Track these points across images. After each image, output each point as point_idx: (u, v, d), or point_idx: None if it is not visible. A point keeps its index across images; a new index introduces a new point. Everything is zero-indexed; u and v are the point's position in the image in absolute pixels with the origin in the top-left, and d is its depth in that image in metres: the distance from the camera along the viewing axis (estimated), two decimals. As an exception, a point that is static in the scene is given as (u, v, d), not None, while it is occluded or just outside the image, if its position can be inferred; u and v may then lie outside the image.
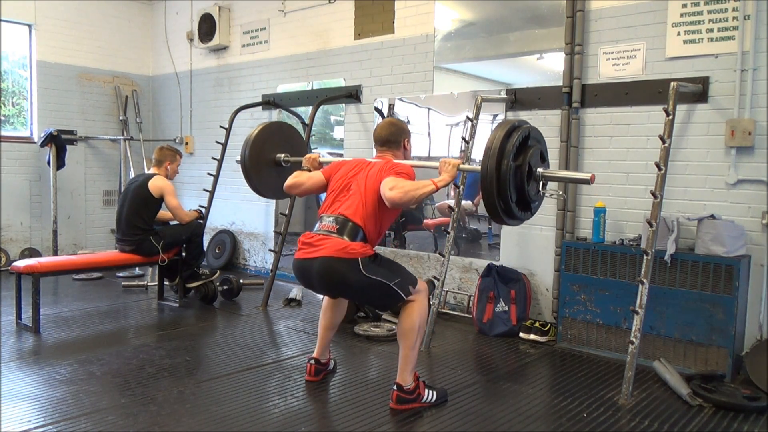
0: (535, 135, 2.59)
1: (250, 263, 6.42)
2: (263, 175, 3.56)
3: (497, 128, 2.52)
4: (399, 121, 3.16)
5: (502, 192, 2.46)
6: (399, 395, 2.80)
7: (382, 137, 3.02)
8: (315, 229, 2.82)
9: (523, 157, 2.50)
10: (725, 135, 3.50)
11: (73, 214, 6.78)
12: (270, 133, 3.59)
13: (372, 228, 2.78)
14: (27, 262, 4.20)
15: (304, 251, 2.78)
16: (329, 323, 3.16)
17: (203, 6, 6.55)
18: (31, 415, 2.68)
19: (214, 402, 2.88)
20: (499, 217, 2.55)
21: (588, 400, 3.00)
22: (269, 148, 3.57)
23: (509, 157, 2.43)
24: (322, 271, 2.70)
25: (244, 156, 3.51)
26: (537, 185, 2.60)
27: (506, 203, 2.48)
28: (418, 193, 2.62)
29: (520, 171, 2.49)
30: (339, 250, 2.67)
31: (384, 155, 2.99)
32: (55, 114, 6.61)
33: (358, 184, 2.82)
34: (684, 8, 3.63)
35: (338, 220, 2.75)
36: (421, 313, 2.82)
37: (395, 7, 5.06)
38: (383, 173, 2.77)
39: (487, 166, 2.44)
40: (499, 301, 4.14)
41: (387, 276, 2.73)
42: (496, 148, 2.44)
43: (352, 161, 3.01)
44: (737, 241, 3.32)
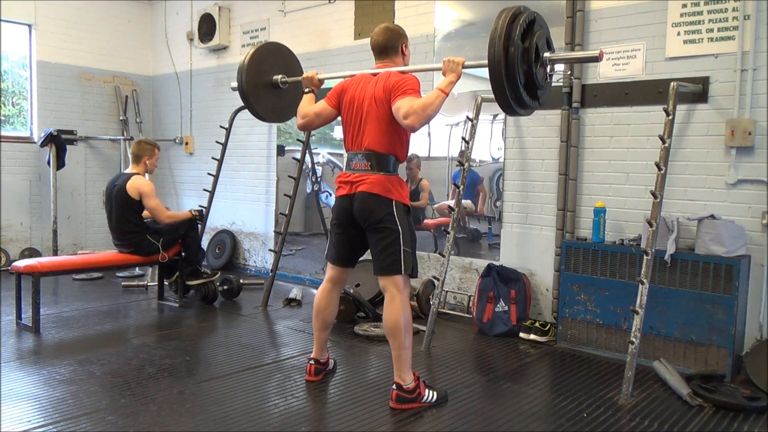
0: (541, 21, 2.54)
1: (250, 263, 6.42)
2: (262, 98, 3.47)
3: (501, 14, 2.46)
4: (395, 25, 3.05)
5: (511, 76, 2.41)
6: (399, 394, 2.80)
7: (380, 44, 2.96)
8: (348, 169, 2.91)
9: (530, 40, 2.46)
10: (725, 135, 3.50)
11: (73, 214, 6.78)
12: (264, 56, 3.46)
13: (399, 148, 2.89)
14: (27, 262, 4.21)
15: (344, 188, 2.90)
16: (323, 323, 3.15)
17: (203, 6, 6.55)
18: (31, 415, 2.68)
19: (214, 402, 2.89)
20: (509, 106, 2.52)
21: (588, 400, 3.00)
22: (265, 70, 3.46)
23: (516, 41, 2.39)
24: (360, 204, 2.83)
25: (240, 82, 3.38)
26: (544, 71, 2.56)
27: (515, 88, 2.44)
28: (432, 109, 2.65)
29: (528, 53, 2.45)
30: (378, 185, 2.80)
31: (384, 64, 2.96)
32: (55, 114, 6.61)
33: (370, 110, 2.83)
34: (684, 8, 3.63)
35: (368, 156, 2.84)
36: (405, 310, 2.81)
37: (395, 7, 5.06)
38: (389, 93, 2.76)
39: (495, 50, 2.39)
40: (499, 301, 4.14)
41: (405, 236, 2.82)
42: (502, 32, 2.39)
43: (354, 81, 2.98)
44: (737, 241, 3.32)
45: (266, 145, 6.16)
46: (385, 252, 2.82)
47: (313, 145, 5.68)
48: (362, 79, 2.94)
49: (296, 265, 5.93)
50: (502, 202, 4.50)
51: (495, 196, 4.59)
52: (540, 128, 4.26)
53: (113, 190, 4.54)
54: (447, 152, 4.83)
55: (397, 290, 2.82)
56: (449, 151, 4.81)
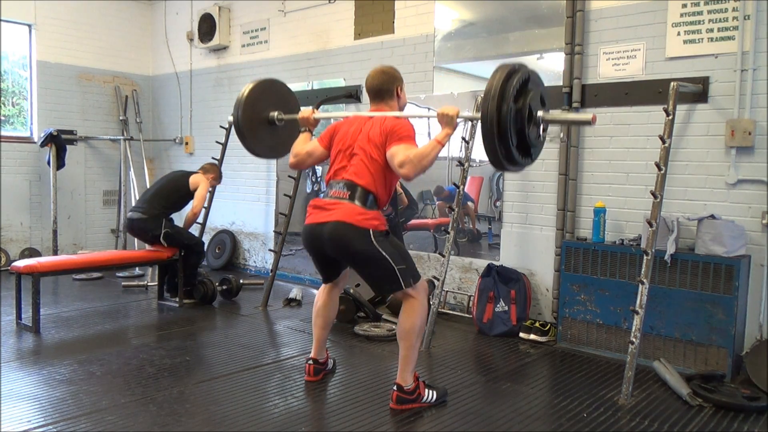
0: (535, 79, 2.54)
1: (250, 263, 6.42)
2: (258, 134, 3.45)
3: (496, 71, 2.45)
4: (390, 68, 2.99)
5: (503, 135, 2.40)
6: (399, 395, 2.80)
7: (375, 87, 2.93)
8: (325, 196, 2.83)
9: (524, 99, 2.45)
10: (725, 135, 3.50)
11: (73, 214, 6.78)
12: (261, 92, 3.45)
13: (381, 190, 2.79)
14: (27, 262, 4.20)
15: (315, 216, 2.79)
16: (323, 323, 3.15)
17: (203, 6, 6.55)
18: (31, 415, 2.68)
19: (214, 402, 2.89)
20: (499, 163, 2.50)
21: (588, 400, 3.00)
22: (262, 106, 3.45)
23: (509, 101, 2.38)
24: (332, 234, 2.72)
25: (236, 117, 3.37)
26: (537, 129, 2.56)
27: (507, 147, 2.44)
28: (428, 160, 2.62)
29: (521, 114, 2.44)
30: (352, 215, 2.69)
31: (379, 107, 2.93)
32: (55, 114, 6.60)
33: (361, 147, 2.79)
34: (684, 8, 3.63)
35: (348, 185, 2.75)
36: (421, 314, 2.82)
37: (395, 7, 5.06)
38: (384, 137, 2.74)
39: (488, 109, 2.39)
40: (499, 301, 4.14)
41: (394, 257, 2.73)
42: (497, 91, 2.39)
43: (348, 122, 2.96)
44: (737, 241, 3.32)
45: (266, 145, 6.16)
46: (380, 281, 2.82)
47: (313, 145, 5.67)
48: (356, 120, 2.93)
49: (296, 265, 5.93)
50: (502, 202, 4.50)
51: (495, 196, 4.59)
52: (540, 128, 4.25)
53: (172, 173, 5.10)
54: (447, 152, 4.83)
55: (414, 295, 2.81)
56: (449, 151, 4.81)
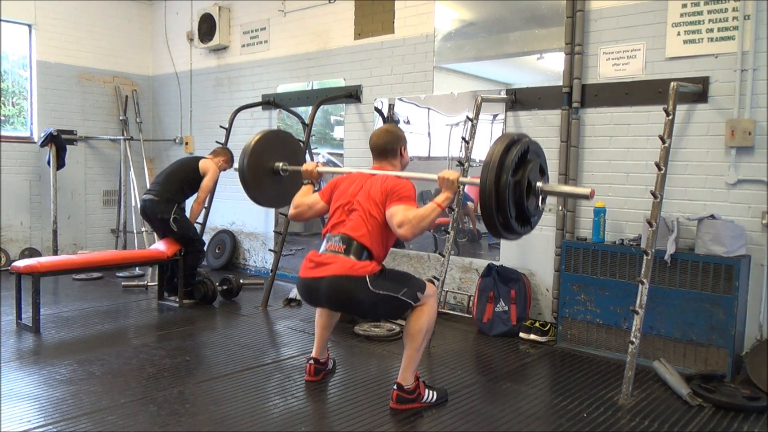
0: (535, 149, 2.57)
1: (250, 263, 6.42)
2: (261, 184, 3.52)
3: (496, 142, 2.50)
4: (394, 128, 3.09)
5: (501, 207, 2.44)
6: (399, 395, 2.80)
7: (379, 146, 2.99)
8: (321, 249, 2.84)
9: (522, 171, 2.48)
10: (725, 135, 3.50)
11: (73, 214, 6.78)
12: (267, 142, 3.54)
13: (378, 247, 2.79)
14: (27, 262, 4.20)
15: (311, 270, 2.78)
16: (326, 322, 3.17)
17: (203, 6, 6.55)
18: (31, 415, 2.68)
19: (214, 402, 2.89)
20: (497, 232, 2.54)
21: (588, 400, 3.00)
22: (267, 157, 3.52)
23: (508, 172, 2.41)
24: (330, 290, 2.72)
25: (242, 165, 3.46)
26: (536, 200, 2.59)
27: (505, 218, 2.47)
28: (426, 222, 2.64)
29: (519, 186, 2.47)
30: (347, 268, 2.69)
31: (382, 165, 2.98)
32: (55, 114, 6.61)
33: (360, 204, 2.81)
34: (684, 8, 3.63)
35: (344, 240, 2.76)
36: (430, 316, 2.84)
37: (395, 7, 5.06)
38: (385, 195, 2.76)
39: (486, 180, 2.43)
40: (499, 301, 4.14)
41: (394, 288, 2.74)
42: (495, 162, 2.42)
43: (349, 177, 2.99)
44: (737, 241, 3.32)
45: (266, 145, 6.16)
46: (391, 313, 2.85)
47: (313, 146, 5.68)
48: (358, 177, 2.95)
49: (296, 265, 5.90)
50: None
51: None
52: (540, 128, 4.26)
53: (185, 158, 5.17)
54: (447, 152, 4.83)
55: (424, 302, 2.83)
56: (449, 151, 4.81)
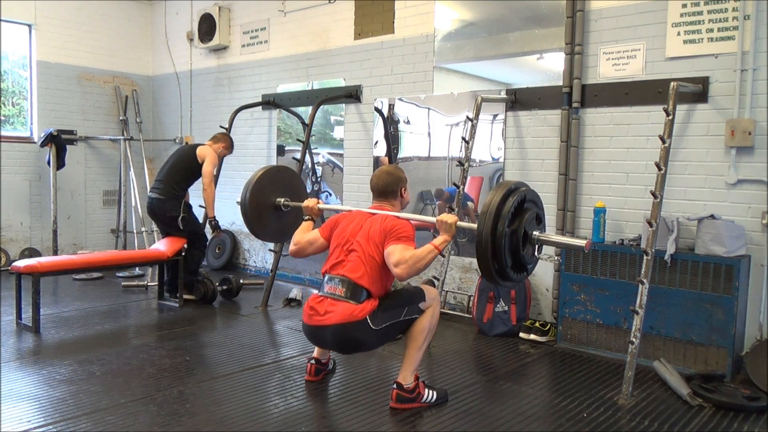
0: (532, 197, 2.60)
1: (250, 263, 6.42)
2: (263, 219, 3.58)
3: (494, 190, 2.52)
4: (395, 170, 3.11)
5: (497, 255, 2.47)
6: (399, 394, 2.80)
7: (380, 188, 3.02)
8: (322, 291, 2.86)
9: (519, 221, 2.50)
10: (725, 135, 3.50)
11: (73, 214, 6.78)
12: (270, 178, 3.60)
13: (377, 287, 2.80)
14: (27, 262, 4.20)
15: (314, 318, 2.81)
16: None
17: (203, 6, 6.55)
18: (31, 415, 2.68)
19: (214, 402, 2.89)
20: (493, 279, 2.55)
21: (588, 400, 3.00)
22: (269, 192, 3.58)
23: (505, 221, 2.44)
24: (334, 338, 2.78)
25: (244, 199, 3.52)
26: (533, 248, 2.60)
27: (501, 266, 2.50)
28: (423, 264, 2.66)
29: (516, 235, 2.50)
30: (348, 315, 2.72)
31: (382, 206, 3.00)
32: (55, 114, 6.61)
33: (359, 244, 2.82)
34: (684, 8, 3.63)
35: (344, 283, 2.78)
36: (432, 317, 2.87)
37: (395, 7, 5.06)
38: (384, 236, 2.77)
39: (483, 228, 2.45)
40: (499, 301, 4.14)
41: (394, 315, 2.77)
42: (492, 211, 2.44)
43: (350, 216, 3.00)
44: (737, 241, 3.32)
45: (266, 145, 6.17)
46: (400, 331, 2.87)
47: (313, 146, 5.68)
48: (358, 216, 2.97)
49: (296, 265, 5.93)
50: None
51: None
52: (540, 128, 4.26)
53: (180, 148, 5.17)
54: (447, 152, 4.83)
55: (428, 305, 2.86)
56: (449, 151, 4.81)
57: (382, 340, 2.85)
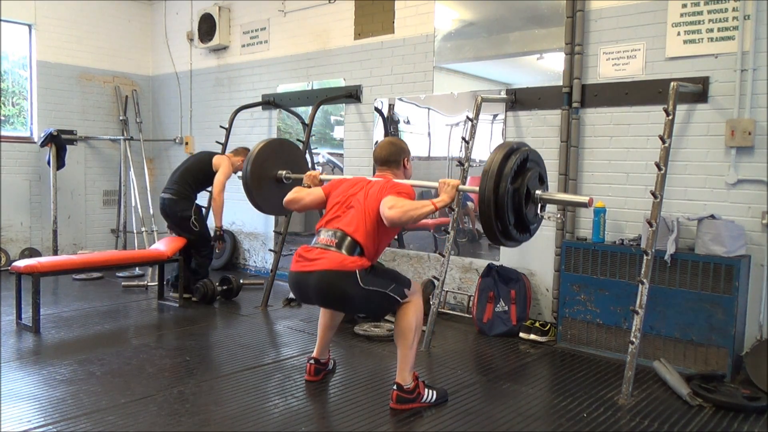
0: (534, 157, 2.58)
1: (250, 263, 6.42)
2: (264, 191, 3.58)
3: (495, 150, 2.51)
4: (398, 141, 3.17)
5: (500, 214, 2.45)
6: (399, 395, 2.80)
7: (382, 157, 3.02)
8: (313, 243, 2.84)
9: (522, 179, 2.49)
10: (725, 135, 3.50)
11: (73, 214, 6.78)
12: (271, 150, 3.60)
13: (370, 245, 2.78)
14: (27, 262, 4.20)
15: (301, 264, 2.78)
16: (329, 323, 3.16)
17: (203, 6, 6.55)
18: (31, 415, 2.68)
19: (214, 402, 2.89)
20: (496, 239, 2.55)
21: (588, 400, 3.00)
22: (270, 165, 3.58)
23: (507, 180, 2.42)
24: (319, 284, 2.72)
25: (245, 173, 3.52)
26: (535, 208, 2.59)
27: (504, 225, 2.48)
28: (417, 213, 2.63)
29: (518, 194, 2.48)
30: (337, 263, 2.68)
31: (384, 174, 2.99)
32: (55, 114, 6.61)
33: (358, 201, 2.82)
34: (684, 8, 3.63)
35: (337, 234, 2.76)
36: (417, 313, 2.83)
37: (395, 7, 5.06)
38: (383, 192, 2.77)
39: (485, 188, 2.43)
40: (499, 301, 4.14)
41: (382, 284, 2.75)
42: (494, 170, 2.43)
43: (352, 179, 3.01)
44: (737, 241, 3.32)
45: (266, 145, 6.16)
46: (379, 309, 2.88)
47: (313, 146, 5.68)
48: (361, 180, 2.97)
49: (296, 265, 5.92)
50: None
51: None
52: (540, 128, 4.26)
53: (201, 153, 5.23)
54: (447, 152, 4.83)
55: (410, 298, 2.84)
56: (449, 151, 4.81)
57: (363, 304, 2.79)
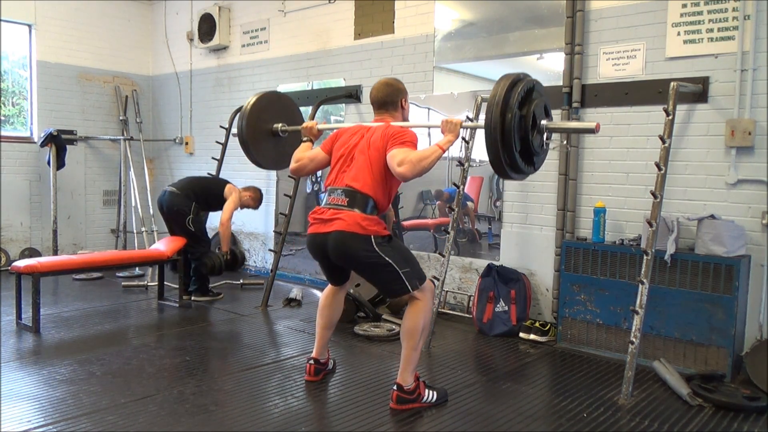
0: (540, 88, 2.55)
1: (250, 263, 6.42)
2: (261, 146, 3.50)
3: (500, 80, 2.48)
4: (394, 80, 3.06)
5: (507, 143, 2.42)
6: (399, 395, 2.80)
7: (379, 99, 2.97)
8: (324, 203, 2.85)
9: (528, 107, 2.47)
10: (725, 135, 3.50)
11: (73, 214, 6.78)
12: (265, 104, 3.51)
13: (381, 195, 2.79)
14: (27, 262, 4.20)
15: (317, 226, 2.81)
16: (327, 322, 3.16)
17: (203, 6, 6.55)
18: (31, 415, 2.68)
19: (213, 402, 2.89)
20: (503, 171, 2.52)
21: (588, 400, 3.00)
22: (265, 118, 3.49)
23: (513, 108, 2.40)
24: (336, 244, 2.75)
25: (240, 128, 3.43)
26: (541, 138, 2.57)
27: (511, 155, 2.45)
28: (427, 162, 2.63)
29: (525, 121, 2.46)
30: (353, 224, 2.70)
31: (383, 118, 2.96)
32: (55, 114, 6.61)
33: (361, 152, 2.81)
34: (684, 8, 3.63)
35: (347, 192, 2.77)
36: (426, 314, 2.84)
37: (395, 7, 5.06)
38: (386, 141, 2.75)
39: (492, 115, 2.40)
40: (499, 301, 4.14)
41: (398, 261, 2.75)
42: (500, 98, 2.41)
43: (351, 128, 2.98)
44: (737, 241, 3.32)
45: (266, 145, 6.16)
46: (387, 285, 2.84)
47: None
48: (359, 128, 2.95)
49: (296, 265, 5.93)
50: (502, 202, 4.50)
51: (495, 196, 4.59)
52: (540, 128, 4.26)
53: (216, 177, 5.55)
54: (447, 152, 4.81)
55: (420, 297, 2.83)
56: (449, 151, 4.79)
57: (372, 270, 2.78)
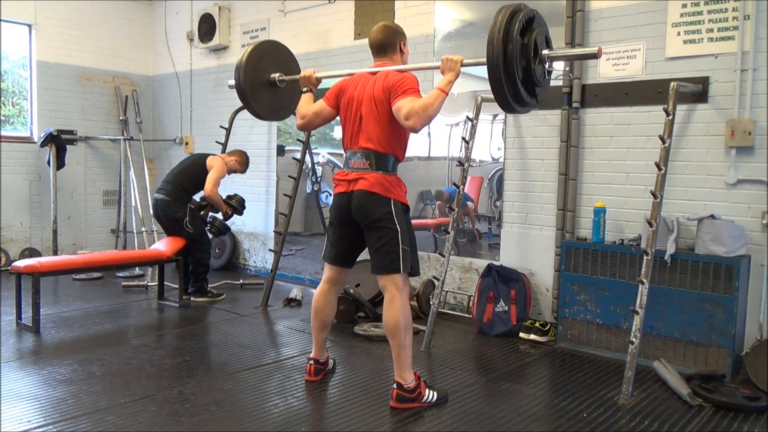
0: (539, 19, 2.56)
1: (250, 263, 6.42)
2: (260, 97, 3.46)
3: (500, 11, 2.48)
4: (393, 24, 3.08)
5: (510, 72, 2.42)
6: (399, 393, 2.80)
7: (378, 42, 2.96)
8: (347, 167, 2.91)
9: (529, 36, 2.47)
10: (725, 135, 3.50)
11: (73, 214, 6.78)
12: (261, 54, 3.45)
13: (397, 148, 2.88)
14: (27, 262, 4.20)
15: (343, 186, 2.90)
16: (321, 325, 3.15)
17: (203, 6, 6.55)
18: (31, 415, 2.68)
19: (214, 402, 2.89)
20: (507, 104, 2.52)
21: (588, 400, 3.00)
22: (262, 68, 3.45)
23: (515, 37, 2.40)
24: (359, 200, 2.83)
25: (237, 80, 3.37)
26: (543, 67, 2.58)
27: (514, 85, 2.46)
28: (432, 110, 2.66)
29: (526, 50, 2.46)
30: (376, 183, 2.80)
31: (383, 62, 2.96)
32: (55, 114, 6.61)
33: (369, 110, 2.83)
34: (684, 8, 3.63)
35: (367, 155, 2.83)
36: (404, 310, 2.81)
37: (395, 7, 5.06)
38: (388, 93, 2.76)
39: (493, 45, 2.41)
40: (499, 301, 4.14)
41: (404, 236, 2.82)
42: (501, 27, 2.41)
43: (352, 81, 2.97)
44: (737, 241, 3.32)
45: (266, 145, 6.16)
46: (383, 250, 2.82)
47: (313, 145, 5.68)
48: (360, 79, 2.94)
49: (296, 265, 5.93)
50: (502, 202, 4.50)
51: (495, 196, 4.59)
52: (540, 128, 4.26)
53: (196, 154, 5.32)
54: (447, 152, 4.83)
55: (397, 289, 2.82)
56: (449, 151, 4.81)
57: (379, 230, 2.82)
